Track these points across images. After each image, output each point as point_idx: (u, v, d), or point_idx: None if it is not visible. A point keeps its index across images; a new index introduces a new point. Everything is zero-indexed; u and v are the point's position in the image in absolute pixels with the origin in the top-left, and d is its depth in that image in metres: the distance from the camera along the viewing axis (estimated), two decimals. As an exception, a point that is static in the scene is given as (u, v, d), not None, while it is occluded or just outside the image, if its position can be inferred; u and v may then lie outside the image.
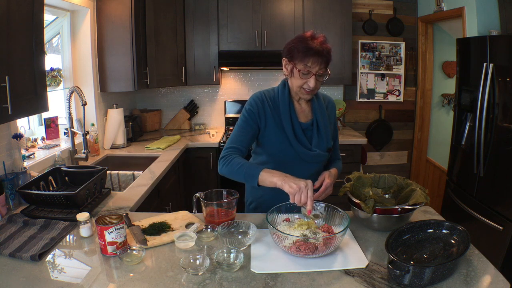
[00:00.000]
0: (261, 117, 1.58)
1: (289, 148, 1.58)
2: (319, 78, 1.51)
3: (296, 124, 1.58)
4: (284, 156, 1.59)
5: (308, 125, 1.62)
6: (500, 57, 2.33)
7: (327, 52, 1.47)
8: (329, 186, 1.53)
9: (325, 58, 1.47)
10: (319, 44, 1.45)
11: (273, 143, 1.59)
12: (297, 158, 1.59)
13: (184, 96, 3.99)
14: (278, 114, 1.58)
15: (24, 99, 1.59)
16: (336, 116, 1.76)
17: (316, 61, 1.45)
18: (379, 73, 3.98)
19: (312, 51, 1.44)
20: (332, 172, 1.61)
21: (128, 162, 2.89)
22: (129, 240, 1.36)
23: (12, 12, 1.47)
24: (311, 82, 1.49)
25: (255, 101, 1.59)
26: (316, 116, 1.61)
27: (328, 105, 1.70)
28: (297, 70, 1.48)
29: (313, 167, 1.63)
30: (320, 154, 1.60)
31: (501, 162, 2.35)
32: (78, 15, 2.80)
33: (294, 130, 1.58)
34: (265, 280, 1.14)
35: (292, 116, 1.58)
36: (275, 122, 1.58)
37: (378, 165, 4.22)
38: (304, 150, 1.58)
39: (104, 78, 2.96)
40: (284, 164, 1.60)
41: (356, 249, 1.32)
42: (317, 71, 1.47)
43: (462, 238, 1.24)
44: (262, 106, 1.58)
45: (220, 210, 1.51)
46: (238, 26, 3.47)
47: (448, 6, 3.33)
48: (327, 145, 1.62)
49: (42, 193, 1.64)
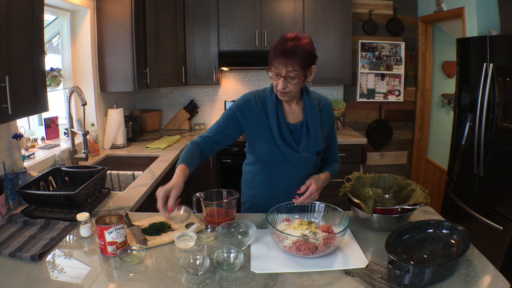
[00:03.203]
0: (246, 118, 1.57)
1: (276, 149, 1.56)
2: (291, 80, 1.44)
3: (283, 125, 1.55)
4: (271, 157, 1.59)
5: (297, 126, 1.58)
6: (500, 57, 2.33)
7: (294, 53, 1.38)
8: (314, 191, 1.51)
9: (294, 60, 1.39)
10: (291, 45, 1.39)
11: (260, 143, 1.59)
12: (284, 160, 1.58)
13: (184, 96, 3.99)
14: (266, 114, 1.57)
15: (24, 99, 1.59)
16: (333, 118, 1.71)
17: (282, 62, 1.40)
18: (379, 73, 3.98)
19: (278, 52, 1.40)
20: (322, 177, 1.58)
21: (128, 162, 2.89)
22: (129, 240, 1.36)
23: (12, 12, 1.47)
24: (279, 84, 1.45)
25: (242, 102, 1.59)
26: (306, 117, 1.57)
27: (323, 107, 1.64)
28: (270, 71, 1.47)
29: (301, 169, 1.60)
30: (307, 157, 1.57)
31: (501, 162, 2.35)
32: (78, 15, 2.80)
33: (281, 131, 1.55)
34: (265, 280, 1.14)
35: (279, 116, 1.55)
36: (262, 123, 1.56)
37: (378, 165, 4.22)
38: (290, 151, 1.55)
39: (104, 78, 2.96)
40: (271, 165, 1.62)
41: (356, 249, 1.32)
42: (286, 73, 1.42)
43: (462, 238, 1.24)
44: (248, 108, 1.57)
45: (220, 210, 1.51)
46: (238, 26, 3.47)
47: (448, 6, 3.33)
48: (317, 147, 1.58)
49: (42, 193, 1.64)
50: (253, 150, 1.65)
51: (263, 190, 1.67)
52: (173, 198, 1.30)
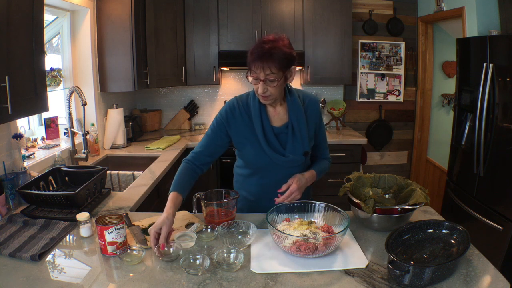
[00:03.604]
0: (231, 126, 1.57)
1: (262, 153, 1.55)
2: (270, 83, 1.42)
3: (267, 128, 1.54)
4: (258, 162, 1.59)
5: (282, 128, 1.56)
6: (500, 57, 2.33)
7: (271, 56, 1.37)
8: (294, 191, 1.50)
9: (272, 62, 1.37)
10: (267, 48, 1.37)
11: (247, 149, 1.58)
12: (271, 163, 1.57)
13: (184, 96, 3.99)
14: (250, 119, 1.55)
15: (24, 99, 1.59)
16: (320, 115, 1.66)
17: (260, 66, 1.38)
18: (379, 73, 3.98)
19: (255, 56, 1.39)
20: (305, 175, 1.57)
21: (128, 162, 2.89)
22: (129, 240, 1.37)
23: (12, 12, 1.47)
24: (259, 88, 1.43)
25: (226, 110, 1.58)
26: (291, 118, 1.55)
27: (309, 105, 1.60)
28: (249, 76, 1.45)
29: (290, 171, 1.58)
30: (294, 159, 1.56)
31: (501, 162, 2.35)
32: (78, 15, 2.80)
33: (266, 136, 1.54)
34: (265, 280, 1.14)
35: (263, 121, 1.54)
36: (247, 128, 1.56)
37: (378, 165, 4.22)
38: (276, 155, 1.54)
39: (104, 78, 2.96)
40: (259, 169, 1.62)
41: (356, 249, 1.32)
42: (265, 77, 1.40)
43: (462, 238, 1.24)
44: (232, 115, 1.56)
45: (220, 210, 1.51)
46: (238, 26, 3.47)
47: (448, 6, 3.33)
48: (304, 148, 1.57)
49: (42, 193, 1.64)
50: (241, 154, 1.66)
51: (254, 192, 1.67)
52: (163, 237, 1.27)
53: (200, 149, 1.61)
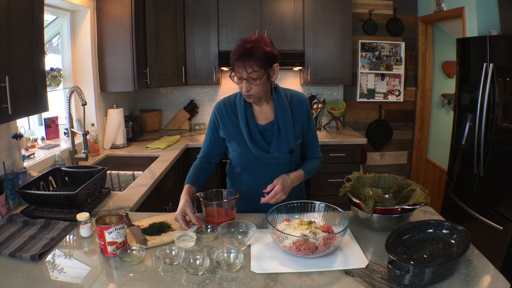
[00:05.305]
0: (220, 126, 1.64)
1: (248, 151, 1.59)
2: (253, 81, 1.46)
3: (252, 126, 1.58)
4: (245, 159, 1.63)
5: (267, 126, 1.60)
6: (500, 57, 2.33)
7: (252, 54, 1.41)
8: (279, 191, 1.50)
9: (253, 61, 1.41)
10: (248, 47, 1.41)
11: (234, 147, 1.64)
12: (257, 161, 1.61)
13: (184, 96, 3.99)
14: (237, 118, 1.61)
15: (24, 99, 1.59)
16: (308, 113, 1.65)
17: (242, 65, 1.43)
18: (379, 73, 3.98)
19: (236, 55, 1.44)
20: (291, 176, 1.58)
21: (128, 162, 2.89)
22: (129, 240, 1.36)
23: (12, 12, 1.47)
24: (243, 87, 1.48)
25: (214, 112, 1.67)
26: (276, 116, 1.58)
27: (296, 103, 1.62)
28: (233, 76, 1.49)
29: (277, 169, 1.60)
30: (278, 156, 1.58)
31: (501, 162, 2.35)
32: (78, 15, 2.80)
33: (251, 134, 1.58)
34: (265, 280, 1.14)
35: (248, 119, 1.58)
36: (234, 127, 1.61)
37: (378, 165, 4.22)
38: (261, 153, 1.58)
39: (104, 78, 2.96)
40: (247, 166, 1.66)
41: (356, 249, 1.32)
42: (247, 75, 1.44)
43: (462, 238, 1.24)
44: (220, 115, 1.63)
45: (220, 210, 1.51)
46: (238, 26, 3.47)
47: (448, 6, 3.33)
48: (289, 146, 1.58)
49: (42, 193, 1.64)
50: (230, 153, 1.71)
51: (246, 190, 1.69)
52: (193, 217, 1.45)
53: (203, 153, 1.72)
